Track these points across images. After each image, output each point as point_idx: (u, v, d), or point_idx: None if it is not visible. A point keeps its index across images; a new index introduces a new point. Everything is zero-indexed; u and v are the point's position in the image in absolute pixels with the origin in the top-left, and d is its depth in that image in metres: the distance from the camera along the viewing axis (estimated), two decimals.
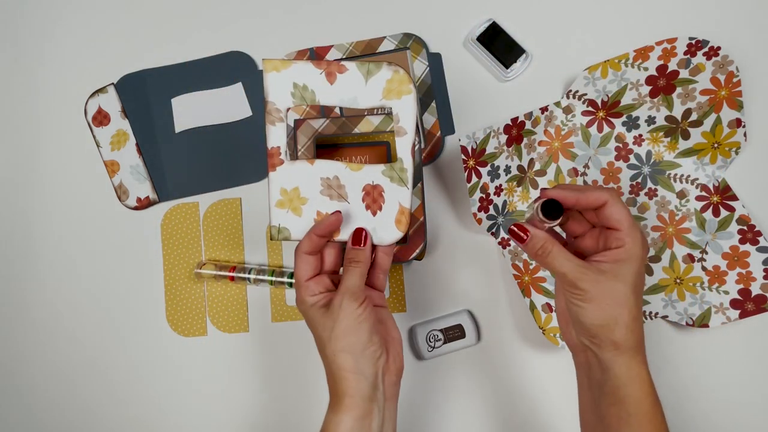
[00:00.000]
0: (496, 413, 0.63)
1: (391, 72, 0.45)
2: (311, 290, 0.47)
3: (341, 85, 0.46)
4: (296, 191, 0.48)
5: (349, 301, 0.45)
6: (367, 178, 0.47)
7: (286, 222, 0.48)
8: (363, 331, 0.46)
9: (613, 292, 0.41)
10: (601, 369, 0.42)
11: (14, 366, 0.66)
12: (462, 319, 0.62)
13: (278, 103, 0.46)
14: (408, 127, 0.46)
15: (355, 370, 0.45)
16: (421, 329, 0.62)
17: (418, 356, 0.63)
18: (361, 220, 0.48)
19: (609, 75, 0.59)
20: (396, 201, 0.47)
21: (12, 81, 0.68)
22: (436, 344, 0.62)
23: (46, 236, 0.67)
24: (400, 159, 0.46)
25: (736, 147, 0.59)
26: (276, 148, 0.47)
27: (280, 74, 0.46)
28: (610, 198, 0.42)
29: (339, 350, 0.45)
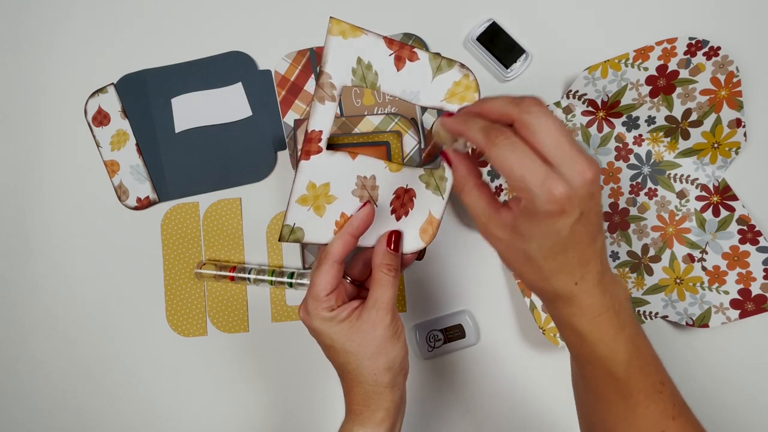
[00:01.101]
0: (496, 413, 0.63)
1: (461, 75, 0.41)
2: (330, 304, 0.42)
3: (408, 74, 0.40)
4: (326, 188, 0.41)
5: (392, 315, 0.42)
6: (403, 181, 0.43)
7: (304, 221, 0.42)
8: (400, 346, 0.43)
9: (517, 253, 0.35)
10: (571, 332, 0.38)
11: (14, 366, 0.66)
12: (462, 319, 0.62)
13: (335, 78, 0.39)
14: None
15: (392, 384, 0.43)
16: (421, 329, 0.62)
17: (418, 356, 0.63)
18: (384, 224, 0.43)
19: (609, 75, 0.59)
20: (426, 209, 0.43)
21: (12, 81, 0.68)
22: (436, 344, 0.62)
23: (46, 236, 0.67)
24: (443, 167, 0.42)
25: (736, 147, 0.59)
26: (318, 131, 0.40)
27: (346, 42, 0.39)
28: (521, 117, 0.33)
29: (382, 369, 0.42)
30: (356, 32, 0.39)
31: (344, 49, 0.39)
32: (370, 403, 0.42)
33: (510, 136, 0.32)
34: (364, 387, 0.42)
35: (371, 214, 0.42)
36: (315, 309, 0.42)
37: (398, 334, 0.43)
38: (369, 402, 0.42)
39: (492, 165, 0.34)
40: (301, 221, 0.42)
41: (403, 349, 0.43)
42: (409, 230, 0.44)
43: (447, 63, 0.41)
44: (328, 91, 0.39)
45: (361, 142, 0.65)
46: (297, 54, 0.66)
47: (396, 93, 0.40)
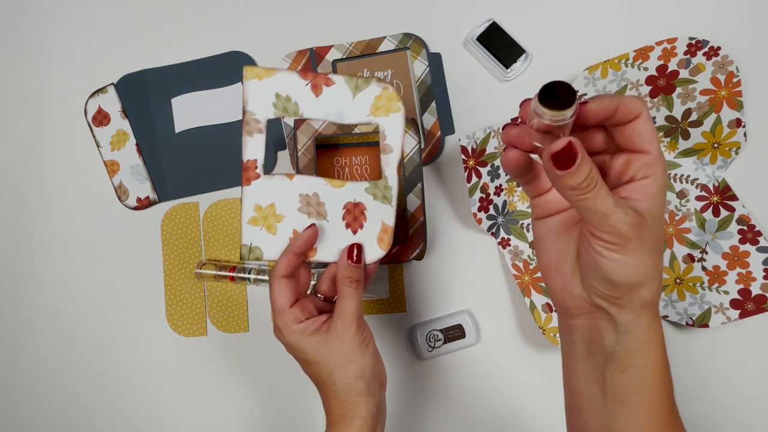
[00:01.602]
0: (496, 413, 0.63)
1: (380, 89, 0.44)
2: (297, 317, 0.44)
3: (327, 98, 0.44)
4: (272, 208, 0.46)
5: (357, 325, 0.44)
6: (349, 196, 0.46)
7: (259, 241, 0.46)
8: (370, 353, 0.45)
9: (653, 240, 0.31)
10: (615, 333, 0.34)
11: (13, 365, 0.66)
12: (462, 319, 0.62)
13: (258, 114, 0.44)
14: (395, 145, 0.45)
15: (367, 392, 0.44)
16: (421, 329, 0.62)
17: (418, 356, 0.63)
18: (341, 238, 0.46)
19: (609, 75, 0.59)
20: (379, 219, 0.46)
21: (12, 81, 0.68)
22: (436, 344, 0.62)
23: (46, 236, 0.67)
24: (385, 177, 0.45)
25: (736, 147, 0.59)
26: (252, 161, 0.45)
27: (262, 83, 0.44)
28: (645, 110, 0.31)
29: (353, 378, 0.44)
30: (270, 72, 0.43)
31: (262, 88, 0.44)
32: (346, 412, 0.44)
33: None
34: (339, 396, 0.44)
35: (313, 235, 0.45)
36: (283, 323, 0.44)
37: (366, 343, 0.44)
38: (345, 411, 0.44)
39: (642, 131, 0.31)
40: (256, 240, 0.46)
41: (372, 358, 0.45)
42: (367, 241, 0.46)
43: (364, 81, 0.44)
44: (254, 126, 0.44)
45: (361, 142, 0.65)
46: (297, 54, 0.66)
47: (319, 116, 0.44)
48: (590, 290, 0.34)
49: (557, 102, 0.28)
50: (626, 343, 0.33)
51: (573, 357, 0.37)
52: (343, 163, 0.65)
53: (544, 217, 0.37)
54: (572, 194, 0.30)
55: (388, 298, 0.64)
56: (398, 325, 0.64)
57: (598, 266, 0.32)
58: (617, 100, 0.31)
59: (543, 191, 0.36)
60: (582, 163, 0.29)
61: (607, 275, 0.32)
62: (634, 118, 0.31)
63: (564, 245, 0.36)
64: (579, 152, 0.29)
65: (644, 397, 0.34)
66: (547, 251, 0.37)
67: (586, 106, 0.31)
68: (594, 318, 0.35)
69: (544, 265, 0.37)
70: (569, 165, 0.29)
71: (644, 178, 0.32)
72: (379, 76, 0.65)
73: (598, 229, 0.31)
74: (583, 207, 0.30)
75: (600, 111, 0.31)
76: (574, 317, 0.36)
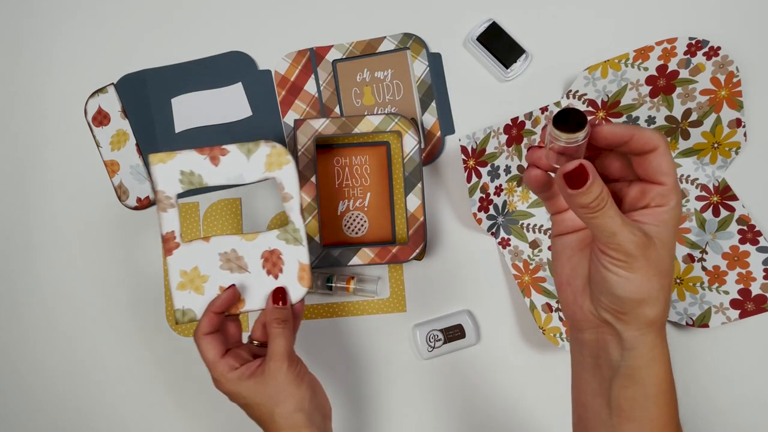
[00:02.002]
0: (496, 413, 0.63)
1: (269, 148, 0.49)
2: (231, 365, 0.47)
3: (225, 165, 0.49)
4: (196, 270, 0.50)
5: (289, 363, 0.47)
6: (264, 245, 0.50)
7: (190, 303, 0.50)
8: (306, 386, 0.47)
9: (659, 261, 0.33)
10: (620, 348, 0.36)
11: (13, 365, 0.66)
12: (462, 319, 0.62)
13: (168, 191, 0.49)
14: (293, 192, 0.50)
15: (309, 423, 0.46)
16: (421, 329, 0.62)
17: (418, 356, 0.63)
18: (265, 285, 0.50)
19: (609, 75, 0.59)
20: (295, 260, 0.50)
21: (12, 81, 0.68)
22: (436, 344, 0.62)
23: (46, 236, 0.67)
24: (291, 221, 0.50)
25: (736, 147, 0.59)
26: (170, 232, 0.49)
27: (167, 165, 0.49)
28: (662, 144, 0.33)
29: (292, 412, 0.46)
30: (171, 155, 0.48)
31: (167, 170, 0.49)
32: None
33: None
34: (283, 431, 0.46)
35: (231, 294, 0.49)
36: (219, 374, 0.47)
37: (300, 377, 0.47)
38: None
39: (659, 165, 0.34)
40: (188, 303, 0.50)
41: (309, 390, 0.48)
42: (289, 283, 0.50)
43: (254, 144, 0.49)
44: (167, 202, 0.49)
45: (361, 142, 0.65)
46: (297, 54, 0.66)
47: (221, 182, 0.49)
48: (598, 304, 0.36)
49: (569, 125, 0.31)
50: (631, 359, 0.35)
51: (581, 370, 0.39)
52: (343, 163, 0.65)
53: (562, 234, 0.39)
54: (583, 212, 0.33)
55: (388, 298, 0.64)
56: (398, 325, 0.64)
57: (605, 280, 0.34)
58: (632, 130, 0.33)
59: (561, 209, 0.39)
60: (593, 184, 0.32)
61: (613, 290, 0.34)
62: (650, 150, 0.33)
63: (577, 262, 0.38)
64: (591, 174, 0.32)
65: (648, 413, 0.36)
66: (562, 266, 0.39)
67: (598, 128, 0.33)
68: (601, 332, 0.37)
69: (558, 279, 0.39)
70: (580, 185, 0.32)
71: (658, 206, 0.34)
72: (379, 76, 0.65)
73: (606, 246, 0.33)
74: (593, 225, 0.33)
75: (611, 135, 0.33)
76: (582, 330, 0.38)
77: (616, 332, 0.35)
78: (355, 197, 0.65)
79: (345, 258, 0.61)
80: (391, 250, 0.61)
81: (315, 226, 0.60)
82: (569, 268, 0.38)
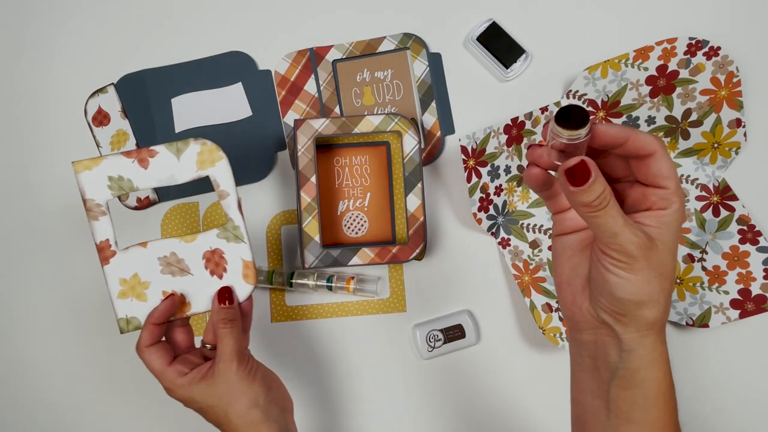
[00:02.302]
0: (496, 413, 0.63)
1: (199, 145, 0.47)
2: (180, 371, 0.47)
3: (155, 167, 0.47)
4: (136, 277, 0.49)
5: (238, 362, 0.46)
6: (204, 245, 0.49)
7: (133, 311, 0.49)
8: (259, 382, 0.47)
9: (660, 264, 0.33)
10: (619, 350, 0.35)
11: (13, 365, 0.66)
12: (462, 319, 0.62)
13: (97, 199, 0.47)
14: (229, 189, 0.48)
15: (265, 419, 0.46)
16: (421, 329, 0.62)
17: (418, 356, 0.63)
18: (209, 286, 0.49)
19: (609, 75, 0.59)
20: (238, 258, 0.49)
21: (12, 81, 0.68)
22: (436, 344, 0.62)
23: (46, 236, 0.67)
24: (230, 219, 0.48)
25: (736, 147, 0.59)
26: (105, 241, 0.48)
27: (92, 172, 0.47)
28: (660, 148, 0.33)
29: (246, 409, 0.46)
30: (97, 161, 0.47)
31: (94, 177, 0.47)
32: None
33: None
34: (240, 430, 0.46)
35: (169, 304, 0.48)
36: (168, 382, 0.47)
37: (252, 374, 0.47)
38: None
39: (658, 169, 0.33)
40: (131, 311, 0.49)
41: (262, 386, 0.47)
42: (235, 281, 0.49)
43: (183, 143, 0.47)
44: (97, 210, 0.47)
45: (361, 142, 0.65)
46: (297, 54, 0.66)
47: (152, 184, 0.47)
48: (597, 305, 0.35)
49: (571, 122, 0.30)
50: (629, 361, 0.35)
51: (580, 370, 0.39)
52: (343, 163, 0.65)
53: (562, 234, 0.39)
54: (585, 211, 0.32)
55: (388, 298, 0.64)
56: (398, 325, 0.64)
57: (605, 281, 0.34)
58: (628, 133, 0.33)
59: (562, 209, 0.38)
60: (595, 182, 0.31)
61: (613, 291, 0.33)
62: (647, 155, 0.33)
63: (577, 262, 0.37)
64: (593, 171, 0.31)
65: (647, 416, 0.35)
66: (562, 266, 0.38)
67: (593, 126, 0.33)
68: (600, 334, 0.36)
69: (558, 279, 0.39)
70: (582, 182, 0.31)
71: (660, 209, 0.33)
72: (379, 76, 0.65)
73: (607, 247, 0.33)
74: (594, 224, 0.32)
75: (605, 135, 0.33)
76: (581, 331, 0.37)
77: (615, 334, 0.35)
78: (355, 197, 0.65)
79: (345, 258, 0.61)
80: (391, 250, 0.61)
81: (315, 226, 0.60)
82: (569, 268, 0.38)
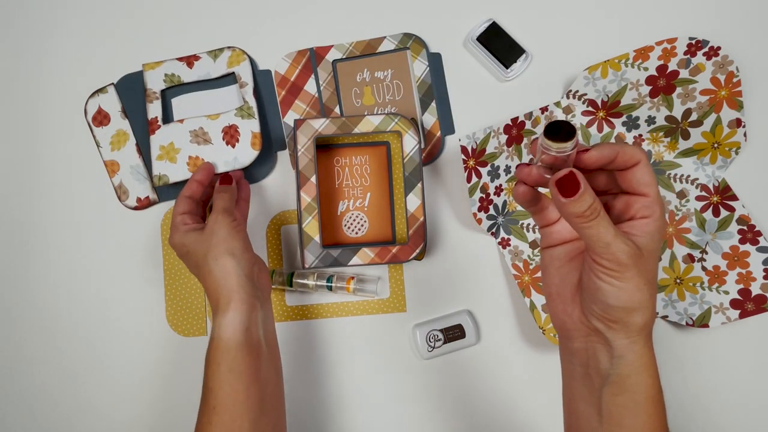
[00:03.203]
0: (496, 413, 0.63)
1: (230, 51, 0.65)
2: (185, 220, 0.55)
3: (199, 67, 0.65)
4: (171, 145, 0.63)
5: (224, 215, 0.53)
6: (224, 122, 0.63)
7: (165, 170, 0.63)
8: (239, 239, 0.53)
9: (647, 271, 0.35)
10: (610, 356, 0.37)
11: (13, 366, 0.66)
12: (462, 319, 0.62)
13: (155, 88, 0.64)
14: (248, 80, 0.64)
15: (237, 271, 0.51)
16: (421, 329, 0.62)
17: (418, 356, 0.63)
18: (224, 153, 0.62)
19: (609, 75, 0.59)
20: (249, 131, 0.62)
21: (12, 81, 0.68)
22: (436, 344, 0.62)
23: (46, 236, 0.67)
24: (246, 101, 0.63)
25: (736, 147, 0.59)
26: (154, 118, 0.63)
27: (155, 71, 0.65)
28: (644, 158, 0.35)
29: (221, 254, 0.51)
30: (159, 64, 0.65)
31: (155, 74, 0.65)
32: (220, 290, 0.50)
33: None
34: (213, 275, 0.51)
35: (208, 167, 0.61)
36: (174, 225, 0.56)
37: (235, 230, 0.53)
38: (220, 289, 0.50)
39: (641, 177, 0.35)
40: (163, 170, 0.63)
41: (241, 242, 0.53)
42: (244, 148, 0.62)
43: (219, 50, 0.65)
44: (152, 96, 0.64)
45: (361, 142, 0.65)
46: (297, 54, 0.66)
47: (194, 79, 0.65)
48: (589, 313, 0.37)
49: (561, 134, 0.32)
50: (620, 367, 0.36)
51: (572, 378, 0.40)
52: (343, 163, 0.65)
53: (550, 246, 0.40)
54: (577, 221, 0.34)
55: (388, 298, 0.64)
56: (398, 325, 0.64)
57: (598, 290, 0.35)
58: (616, 149, 0.35)
59: (550, 222, 0.40)
60: (585, 192, 0.33)
61: (606, 299, 0.35)
62: (633, 165, 0.35)
63: (566, 272, 0.39)
64: (582, 182, 0.33)
65: (638, 421, 0.37)
66: (551, 276, 0.40)
67: (586, 153, 0.35)
68: (591, 341, 0.38)
69: (548, 289, 0.40)
70: (572, 193, 0.33)
71: (643, 217, 0.35)
72: (379, 76, 0.65)
73: (599, 256, 0.34)
74: (587, 235, 0.34)
75: (600, 158, 0.35)
76: (572, 339, 0.39)
77: (606, 340, 0.36)
78: (355, 197, 0.65)
79: (345, 258, 0.61)
80: (391, 250, 0.61)
81: (315, 226, 0.60)
82: (558, 279, 0.39)
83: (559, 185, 0.33)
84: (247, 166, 0.62)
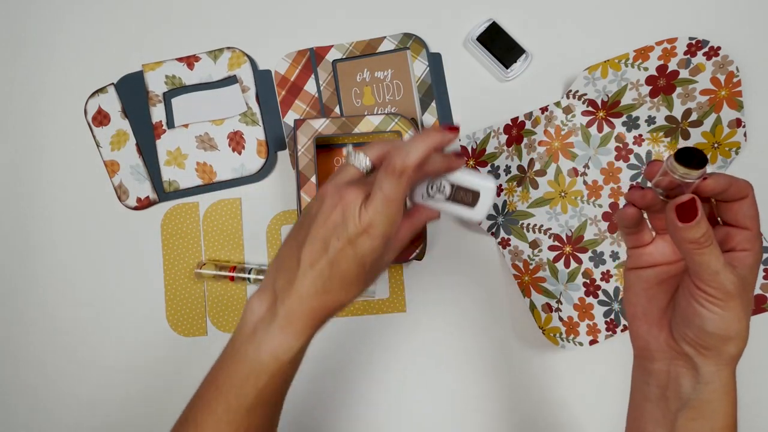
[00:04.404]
0: (496, 413, 0.63)
1: (230, 53, 0.65)
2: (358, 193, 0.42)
3: (199, 69, 0.65)
4: (178, 150, 0.64)
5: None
6: (229, 128, 0.64)
7: (175, 176, 0.63)
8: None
9: (747, 303, 0.36)
10: (694, 381, 0.37)
11: (13, 366, 0.66)
12: (484, 191, 0.45)
13: (156, 90, 0.64)
14: (250, 84, 0.64)
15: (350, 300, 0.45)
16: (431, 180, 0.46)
17: (408, 199, 0.46)
18: (231, 160, 0.64)
19: (609, 75, 0.59)
20: (254, 138, 0.64)
21: (12, 81, 0.68)
22: (436, 195, 0.45)
23: (46, 236, 0.67)
24: (249, 107, 0.64)
25: (736, 147, 0.59)
26: (159, 122, 0.64)
27: (155, 71, 0.65)
28: (752, 192, 0.35)
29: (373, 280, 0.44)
30: (159, 64, 0.65)
31: (155, 75, 0.65)
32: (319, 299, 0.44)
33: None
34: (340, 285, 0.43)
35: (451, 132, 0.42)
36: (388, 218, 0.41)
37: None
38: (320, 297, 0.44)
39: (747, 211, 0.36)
40: (173, 176, 0.64)
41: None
42: (251, 156, 0.64)
43: (218, 51, 0.65)
44: (155, 99, 0.64)
45: (361, 143, 0.65)
46: (297, 54, 0.66)
47: (195, 81, 0.65)
48: (681, 337, 0.37)
49: (693, 163, 0.33)
50: (704, 393, 0.37)
51: (644, 399, 0.40)
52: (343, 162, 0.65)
53: (639, 267, 0.40)
54: (690, 247, 0.34)
55: (388, 298, 0.64)
56: (398, 325, 0.64)
57: (696, 315, 0.35)
58: (730, 180, 0.35)
59: (643, 244, 0.40)
60: (702, 219, 0.33)
61: (704, 325, 0.35)
62: (741, 198, 0.35)
63: (654, 294, 0.39)
64: (699, 209, 0.33)
65: None
66: (637, 296, 0.40)
67: (704, 182, 0.35)
68: (675, 365, 0.38)
69: (633, 309, 0.40)
70: (690, 219, 0.33)
71: (744, 250, 0.36)
72: (379, 76, 0.65)
73: (706, 284, 0.34)
74: (697, 261, 0.34)
75: (716, 187, 0.35)
76: (654, 361, 0.39)
77: (694, 366, 0.37)
78: None
79: None
80: None
81: None
82: (645, 300, 0.40)
83: (678, 210, 0.33)
84: (254, 173, 0.63)
